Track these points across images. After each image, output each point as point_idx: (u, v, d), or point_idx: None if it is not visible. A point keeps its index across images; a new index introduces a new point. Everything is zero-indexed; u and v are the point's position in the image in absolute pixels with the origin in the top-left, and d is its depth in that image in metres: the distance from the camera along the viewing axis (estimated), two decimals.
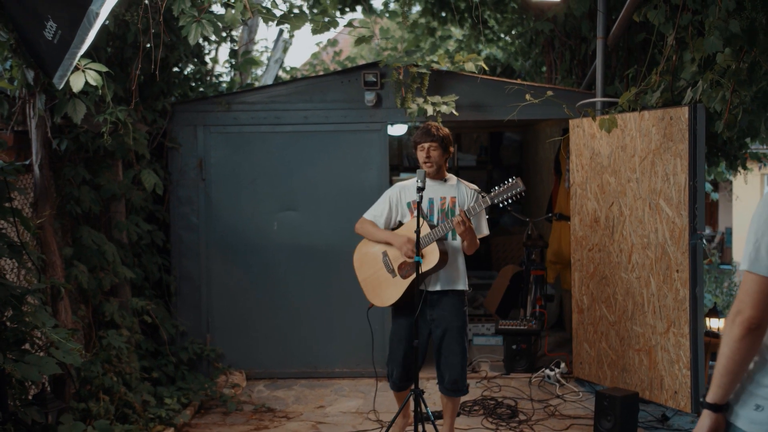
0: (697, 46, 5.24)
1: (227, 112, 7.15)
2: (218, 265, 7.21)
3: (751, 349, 2.45)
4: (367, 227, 5.29)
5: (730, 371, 2.48)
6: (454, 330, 5.17)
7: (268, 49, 12.99)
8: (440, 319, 5.16)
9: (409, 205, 5.21)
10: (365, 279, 5.30)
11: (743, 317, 2.43)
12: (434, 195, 5.19)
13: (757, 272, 2.42)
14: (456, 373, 5.18)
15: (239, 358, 7.19)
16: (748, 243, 2.46)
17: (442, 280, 5.13)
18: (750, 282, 2.44)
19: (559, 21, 8.76)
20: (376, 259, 5.25)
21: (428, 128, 5.17)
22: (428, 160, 5.14)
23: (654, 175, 5.98)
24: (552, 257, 8.36)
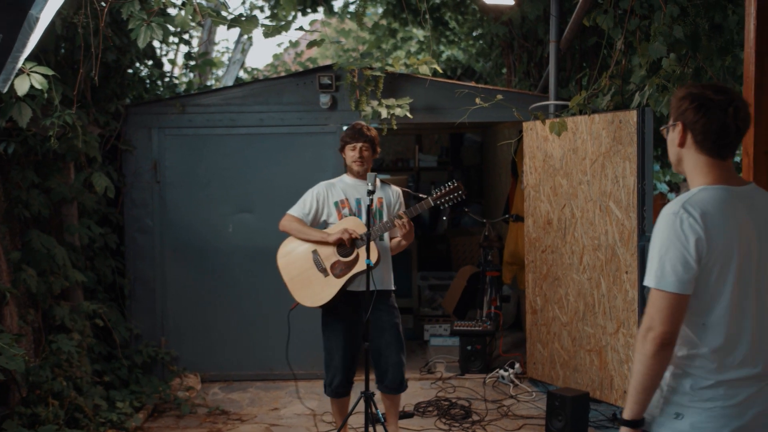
0: (643, 51, 5.31)
1: (182, 114, 7.12)
2: (173, 268, 7.19)
3: (664, 363, 2.51)
4: (297, 226, 5.14)
5: (646, 387, 2.54)
6: (393, 328, 5.18)
7: (229, 50, 12.96)
8: (376, 320, 5.13)
9: (336, 205, 5.18)
10: (293, 278, 5.14)
11: (655, 333, 2.48)
12: (361, 195, 5.17)
13: (665, 289, 2.49)
14: (399, 370, 5.19)
15: (194, 361, 7.16)
16: (652, 261, 2.53)
17: (375, 281, 5.07)
18: (658, 299, 2.50)
19: (516, 24, 8.83)
20: (306, 257, 5.13)
21: (360, 128, 5.17)
22: (360, 159, 5.15)
23: (604, 177, 6.05)
24: (509, 258, 8.41)
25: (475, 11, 10.79)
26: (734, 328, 2.52)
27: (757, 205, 2.59)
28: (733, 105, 2.52)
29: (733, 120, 2.52)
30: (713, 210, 2.50)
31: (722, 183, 2.57)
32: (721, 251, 2.48)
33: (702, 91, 2.55)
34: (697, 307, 2.53)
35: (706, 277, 2.50)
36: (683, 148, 2.64)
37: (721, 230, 2.48)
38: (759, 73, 3.41)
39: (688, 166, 2.65)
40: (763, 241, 2.56)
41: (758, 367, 2.53)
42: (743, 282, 2.52)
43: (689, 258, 2.47)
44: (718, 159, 2.58)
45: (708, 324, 2.53)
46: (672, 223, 2.51)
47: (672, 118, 2.65)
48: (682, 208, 2.50)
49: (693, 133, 2.58)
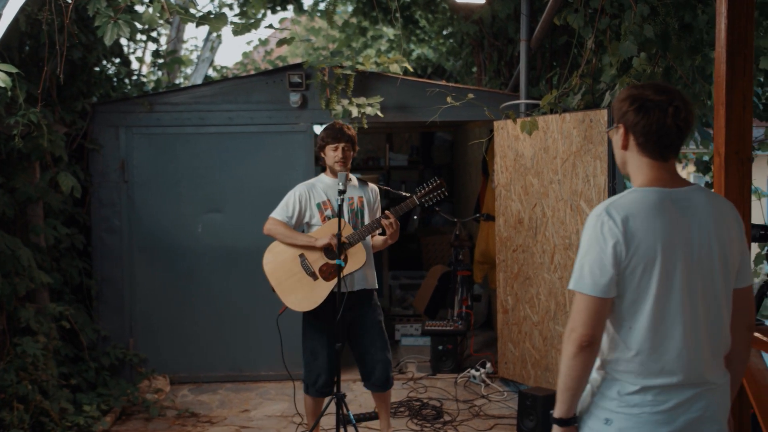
0: (614, 50, 5.31)
1: (150, 113, 7.03)
2: (141, 268, 7.10)
3: (585, 365, 2.49)
4: (282, 230, 5.07)
5: (569, 387, 2.52)
6: (377, 326, 5.18)
7: (198, 48, 12.85)
8: (361, 318, 5.14)
9: (319, 206, 5.13)
10: (281, 283, 5.07)
11: (576, 335, 2.48)
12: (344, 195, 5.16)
13: (582, 291, 2.48)
14: (385, 366, 5.19)
15: (163, 363, 7.08)
16: (575, 266, 2.53)
17: (359, 280, 5.10)
18: (578, 301, 2.50)
19: (487, 22, 8.82)
20: (293, 262, 5.07)
21: (340, 127, 5.14)
22: (343, 160, 5.12)
23: (575, 176, 6.05)
24: (480, 257, 8.40)
25: (445, 10, 10.76)
26: (661, 334, 2.49)
27: (696, 206, 2.54)
28: (673, 105, 2.48)
29: (673, 120, 2.48)
30: (638, 213, 2.47)
31: (657, 184, 2.54)
32: (643, 255, 2.46)
33: (642, 92, 2.53)
34: (623, 310, 2.51)
35: (630, 280, 2.48)
36: (627, 151, 2.61)
37: (644, 234, 2.45)
38: (730, 73, 3.41)
39: (632, 168, 2.63)
40: (700, 245, 2.52)
41: (687, 374, 2.49)
42: (671, 286, 2.48)
43: (606, 261, 2.45)
44: (659, 160, 2.56)
45: (635, 328, 2.50)
46: (594, 225, 2.50)
47: (615, 120, 2.62)
48: (605, 211, 2.49)
49: (634, 135, 2.55)
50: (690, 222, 2.52)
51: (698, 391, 2.50)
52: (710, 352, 2.53)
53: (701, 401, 2.50)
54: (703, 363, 2.51)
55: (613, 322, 2.54)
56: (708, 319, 2.53)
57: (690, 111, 2.53)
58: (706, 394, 2.52)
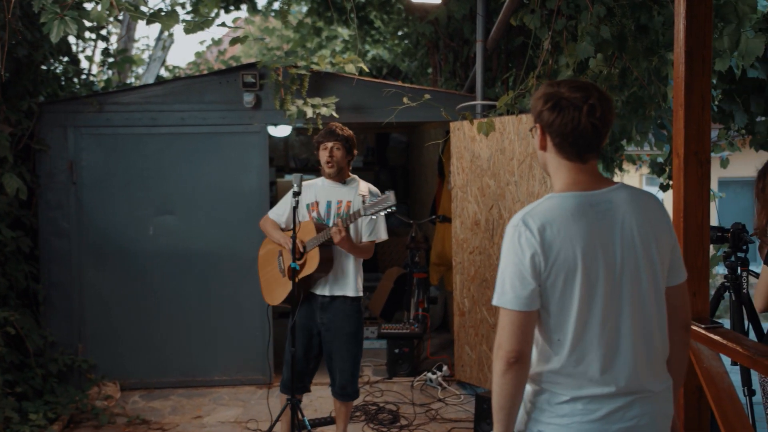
0: (570, 51, 5.29)
1: (100, 113, 6.87)
2: (91, 272, 6.92)
3: (516, 382, 2.40)
4: (268, 226, 5.24)
5: (503, 406, 2.44)
6: (344, 336, 5.07)
7: (149, 47, 12.64)
8: (330, 324, 5.05)
9: (308, 207, 5.09)
10: (263, 275, 5.30)
11: (503, 351, 2.39)
12: (332, 198, 5.08)
13: (504, 306, 2.40)
14: (345, 378, 5.10)
15: (113, 369, 6.91)
16: (497, 279, 2.45)
17: (331, 285, 5.01)
18: (502, 316, 2.41)
19: (442, 23, 8.78)
20: (273, 257, 5.24)
21: (332, 128, 5.07)
22: (331, 160, 5.03)
23: (532, 178, 6.03)
24: (436, 259, 8.37)
25: (400, 10, 10.72)
26: (588, 343, 2.40)
27: (618, 207, 2.45)
28: (588, 103, 2.38)
29: (588, 119, 2.38)
30: (555, 220, 2.38)
31: (576, 188, 2.45)
32: (563, 264, 2.37)
33: (557, 90, 2.43)
34: (549, 322, 2.43)
35: (552, 291, 2.39)
36: (545, 152, 2.53)
37: (562, 242, 2.37)
38: (688, 74, 3.38)
39: (551, 170, 2.54)
40: (624, 248, 2.42)
41: (618, 383, 2.41)
42: (594, 295, 2.39)
43: (526, 274, 2.37)
44: (577, 161, 2.47)
45: (562, 339, 2.41)
46: (511, 237, 2.42)
47: (533, 120, 2.54)
48: (522, 221, 2.41)
49: (551, 135, 2.47)
50: (611, 225, 2.43)
51: (632, 399, 2.42)
52: (645, 358, 2.44)
53: (635, 409, 2.42)
54: (635, 370, 2.43)
55: (541, 333, 2.46)
56: (638, 325, 2.44)
57: (608, 108, 2.43)
58: (641, 402, 2.43)
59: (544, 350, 2.46)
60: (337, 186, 5.11)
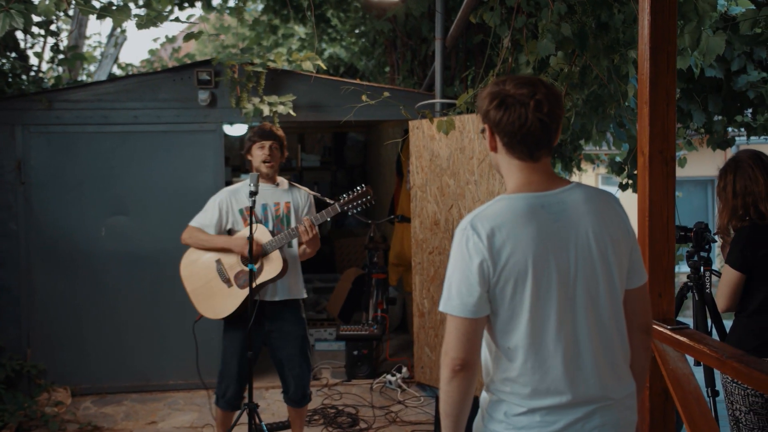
0: (531, 49, 5.24)
1: (49, 111, 6.67)
2: (40, 275, 6.72)
3: (462, 389, 2.32)
4: (199, 235, 4.87)
5: (448, 414, 2.37)
6: (297, 340, 4.96)
7: (101, 44, 12.38)
8: (280, 330, 4.92)
9: (242, 212, 4.91)
10: (195, 289, 4.89)
11: (448, 359, 2.31)
12: (268, 200, 4.94)
13: (450, 312, 2.31)
14: (303, 383, 4.99)
15: (64, 374, 6.72)
16: (444, 285, 2.36)
17: (282, 289, 4.88)
18: (448, 322, 2.33)
19: (400, 21, 8.70)
20: (209, 267, 4.88)
21: (269, 127, 4.96)
22: (270, 159, 4.90)
23: (492, 177, 5.96)
24: (394, 259, 8.28)
25: (357, 8, 10.62)
26: (542, 351, 2.30)
27: (572, 208, 2.35)
28: (534, 99, 2.28)
29: (534, 115, 2.28)
30: (505, 224, 2.29)
31: (526, 189, 2.36)
32: (513, 270, 2.27)
33: (502, 88, 2.34)
34: (501, 329, 2.33)
35: (501, 298, 2.30)
36: (497, 153, 2.43)
37: (512, 247, 2.27)
38: (653, 71, 3.32)
39: (504, 171, 2.45)
40: (578, 251, 2.33)
41: (576, 392, 2.31)
42: (547, 300, 2.29)
43: (473, 280, 2.28)
44: (528, 161, 2.37)
45: (514, 347, 2.32)
46: (459, 241, 2.33)
47: (481, 121, 2.45)
48: (470, 225, 2.31)
49: (499, 135, 2.37)
50: (565, 227, 2.33)
51: (592, 409, 2.33)
52: (605, 364, 2.35)
53: (596, 419, 2.33)
54: (594, 378, 2.33)
55: (494, 340, 2.36)
56: (596, 330, 2.34)
57: (556, 102, 2.34)
58: (602, 411, 2.34)
59: (498, 358, 2.37)
60: (269, 188, 4.96)
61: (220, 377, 4.95)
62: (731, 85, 5.98)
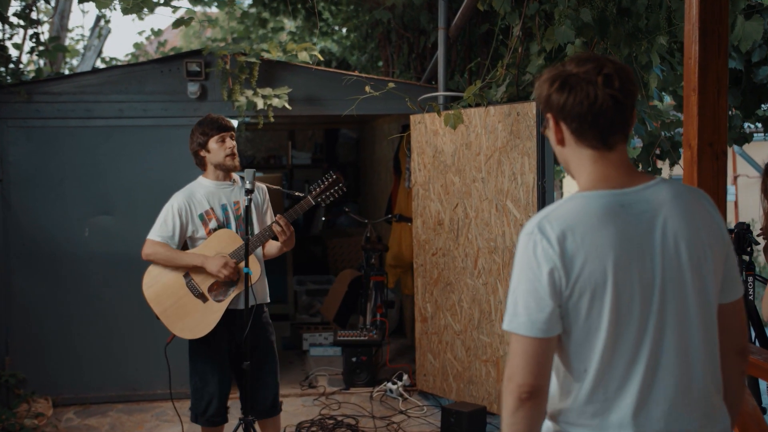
0: (548, 36, 4.90)
1: (28, 103, 6.30)
2: (19, 278, 6.36)
3: (531, 421, 1.97)
4: (164, 252, 4.41)
5: None
6: (268, 345, 4.63)
7: (84, 37, 11.97)
8: (251, 337, 4.47)
9: (202, 217, 4.49)
10: (166, 310, 4.44)
11: (514, 385, 1.96)
12: (226, 200, 4.56)
13: (516, 331, 1.96)
14: (274, 391, 4.64)
15: (45, 383, 6.36)
16: (508, 298, 2.01)
17: (252, 294, 4.49)
18: (514, 343, 1.98)
19: (397, 12, 8.35)
20: (177, 284, 4.44)
21: (218, 117, 4.57)
22: (234, 151, 4.54)
23: (501, 174, 5.63)
24: (392, 261, 7.95)
25: (349, 1, 10.29)
26: (619, 376, 1.98)
27: (658, 208, 2.01)
28: (602, 74, 1.96)
29: (605, 91, 1.96)
30: (579, 226, 1.96)
31: (603, 186, 2.02)
32: (589, 281, 1.94)
33: (562, 68, 2.02)
34: (573, 350, 2.00)
35: (575, 314, 1.97)
36: (564, 147, 2.08)
37: (588, 253, 1.94)
38: (702, 54, 2.99)
39: (573, 167, 2.10)
40: (665, 259, 1.99)
41: (657, 425, 1.98)
42: (628, 316, 1.96)
43: (543, 293, 1.94)
44: (602, 149, 2.02)
45: (589, 371, 1.99)
46: (525, 247, 1.98)
47: (542, 112, 2.10)
48: (537, 228, 1.97)
49: (566, 122, 2.03)
50: (649, 231, 1.99)
51: None
52: (689, 394, 2.00)
53: None
54: (676, 410, 1.99)
55: (563, 362, 2.03)
56: (683, 354, 1.99)
57: (627, 77, 2.00)
58: None
59: (566, 383, 2.02)
60: (224, 186, 4.59)
61: (198, 394, 4.57)
62: (751, 77, 5.68)
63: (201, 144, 4.55)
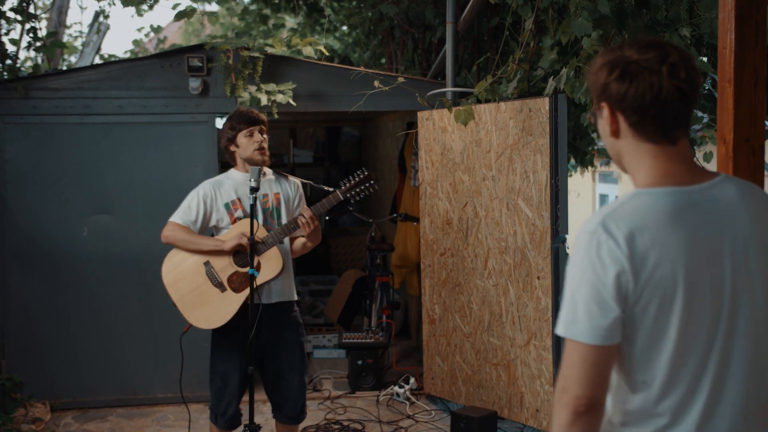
0: (563, 29, 4.73)
1: (25, 99, 6.14)
2: (16, 279, 6.20)
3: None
4: (183, 235, 4.29)
5: None
6: (297, 348, 4.44)
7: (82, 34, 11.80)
8: (278, 338, 4.39)
9: (227, 207, 4.36)
10: (183, 297, 4.32)
11: (569, 397, 1.80)
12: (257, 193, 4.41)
13: (576, 338, 1.80)
14: (300, 397, 4.46)
15: (43, 387, 6.20)
16: (564, 301, 1.85)
17: (276, 291, 4.36)
18: (570, 351, 1.81)
19: (402, 8, 8.19)
20: (197, 271, 4.32)
21: (248, 110, 4.42)
22: (263, 146, 4.39)
23: (512, 172, 5.46)
24: (397, 261, 7.79)
25: None
26: (684, 389, 1.83)
27: (726, 207, 1.87)
28: (667, 62, 1.81)
29: (670, 81, 1.81)
30: (648, 226, 1.81)
31: (669, 182, 1.86)
32: (659, 285, 1.80)
33: (622, 54, 1.85)
34: (634, 359, 1.84)
35: (641, 321, 1.82)
36: (619, 139, 1.91)
37: (658, 256, 1.79)
38: (739, 44, 2.82)
39: (629, 161, 1.92)
40: (735, 262, 1.85)
41: None
42: (698, 325, 1.82)
43: (608, 297, 1.78)
44: (665, 144, 1.87)
45: (649, 383, 1.84)
46: (587, 247, 1.81)
47: (594, 100, 1.94)
48: (601, 226, 1.81)
49: (624, 113, 1.86)
50: (718, 232, 1.84)
51: None
52: (758, 404, 1.86)
53: None
54: (745, 420, 1.84)
55: (619, 372, 1.87)
56: (752, 362, 1.84)
57: (692, 67, 1.84)
58: None
59: (620, 394, 1.86)
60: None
61: (218, 395, 4.40)
62: None
63: (230, 139, 4.42)
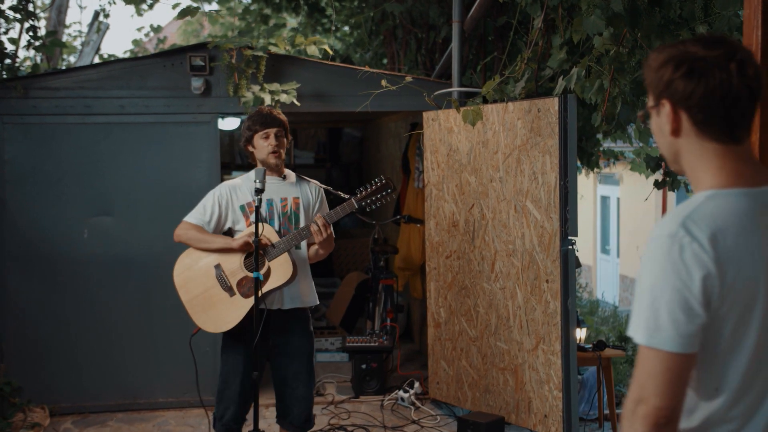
0: (576, 27, 4.64)
1: (25, 99, 6.05)
2: (15, 281, 6.11)
3: None
4: (195, 233, 4.25)
5: None
6: (305, 356, 4.37)
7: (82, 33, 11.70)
8: (287, 345, 4.32)
9: (243, 209, 4.30)
10: (192, 299, 4.27)
11: (647, 409, 1.70)
12: (273, 196, 4.32)
13: (659, 347, 1.71)
14: (307, 406, 4.39)
15: (42, 392, 6.11)
16: (640, 305, 1.75)
17: (289, 296, 4.27)
18: (651, 360, 1.72)
19: (406, 6, 8.10)
20: (207, 274, 4.27)
21: (269, 111, 4.36)
22: (278, 149, 4.30)
23: (520, 173, 5.37)
24: (401, 263, 7.70)
25: None
26: (758, 397, 1.78)
27: None
28: (735, 60, 1.74)
29: (740, 80, 1.74)
30: (729, 228, 1.73)
31: (741, 183, 1.78)
32: (742, 290, 1.73)
33: (686, 50, 1.77)
34: (712, 366, 1.77)
35: (722, 327, 1.74)
36: (680, 138, 1.83)
37: (740, 259, 1.73)
38: (765, 41, 2.73)
39: (689, 161, 1.84)
40: None
41: None
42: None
43: (694, 302, 1.69)
44: (731, 144, 1.79)
45: (723, 388, 1.77)
46: (668, 250, 1.72)
47: (652, 97, 1.85)
48: (683, 228, 1.71)
49: (689, 112, 1.78)
50: None
51: None
52: None
53: None
54: None
55: (693, 380, 1.79)
56: None
57: (755, 64, 1.78)
58: None
59: (689, 402, 1.80)
60: (275, 181, 4.36)
61: (219, 397, 4.35)
62: None
63: (247, 140, 4.36)
